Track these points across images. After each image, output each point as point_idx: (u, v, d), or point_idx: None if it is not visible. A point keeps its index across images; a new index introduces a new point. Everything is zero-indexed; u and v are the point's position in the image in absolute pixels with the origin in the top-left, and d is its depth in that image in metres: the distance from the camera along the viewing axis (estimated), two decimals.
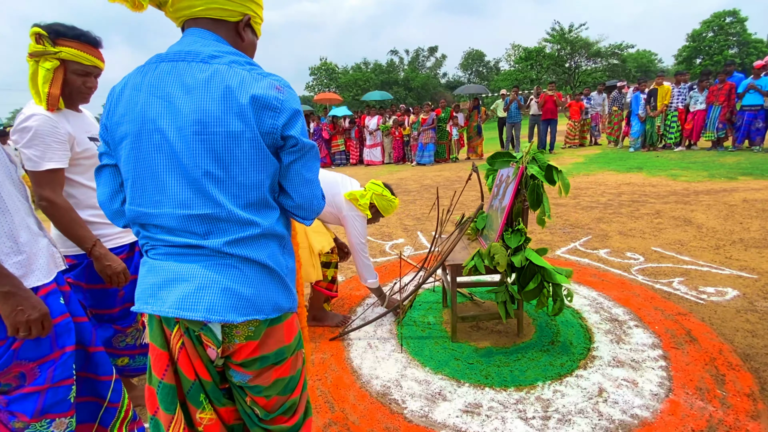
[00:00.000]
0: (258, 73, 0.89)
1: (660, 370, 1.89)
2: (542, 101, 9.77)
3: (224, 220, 0.87)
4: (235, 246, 0.88)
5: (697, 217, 4.14)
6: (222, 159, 0.85)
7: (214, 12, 0.90)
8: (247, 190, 0.88)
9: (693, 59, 29.12)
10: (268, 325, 0.95)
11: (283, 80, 0.92)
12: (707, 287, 2.67)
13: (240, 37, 0.96)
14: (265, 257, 0.91)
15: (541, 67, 31.98)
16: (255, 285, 0.90)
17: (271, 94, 0.86)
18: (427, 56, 42.51)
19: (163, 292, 0.88)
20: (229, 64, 0.87)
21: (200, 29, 0.91)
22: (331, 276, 2.39)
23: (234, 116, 0.84)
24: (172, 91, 0.85)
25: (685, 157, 7.83)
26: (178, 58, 0.88)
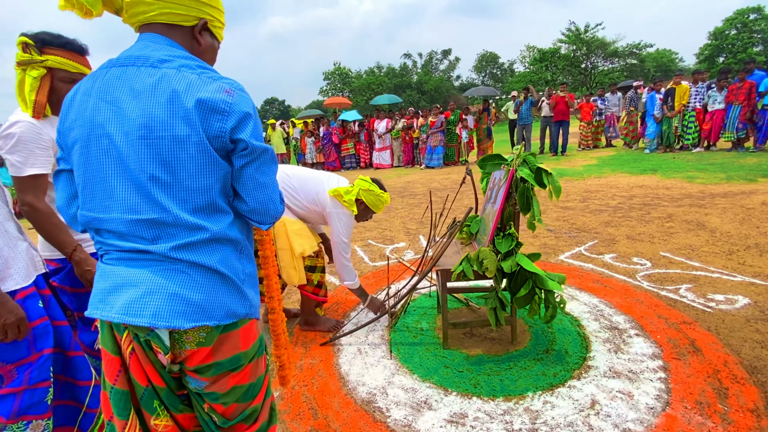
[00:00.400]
0: (208, 76, 0.88)
1: (658, 382, 1.80)
2: (553, 102, 9.61)
3: (171, 225, 0.86)
4: (183, 251, 0.87)
5: (711, 221, 3.97)
6: (168, 163, 0.84)
7: (168, 17, 0.90)
8: (195, 194, 0.87)
9: (715, 58, 28.23)
10: (221, 332, 0.93)
11: (235, 83, 0.92)
12: (716, 294, 2.55)
13: (196, 41, 0.96)
14: (215, 262, 0.89)
15: (556, 68, 31.50)
16: (205, 290, 0.88)
17: (218, 98, 0.86)
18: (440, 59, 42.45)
19: (111, 297, 0.87)
20: (178, 68, 0.86)
21: (153, 34, 0.91)
22: (317, 280, 2.35)
23: (180, 120, 0.83)
24: (120, 96, 0.85)
25: (703, 158, 7.56)
26: (127, 62, 0.88)
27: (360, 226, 4.88)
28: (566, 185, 6.41)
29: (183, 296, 0.86)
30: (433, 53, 41.98)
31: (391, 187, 7.74)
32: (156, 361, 0.93)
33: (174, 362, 0.93)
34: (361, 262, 3.69)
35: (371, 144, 11.55)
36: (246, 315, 0.97)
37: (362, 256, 3.83)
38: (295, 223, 2.26)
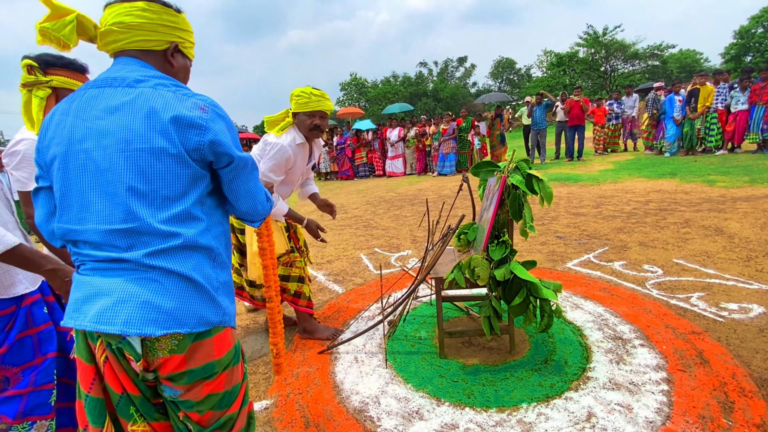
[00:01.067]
0: (183, 93, 0.94)
1: (660, 394, 1.73)
2: (568, 107, 9.47)
3: (145, 233, 0.89)
4: (156, 257, 0.90)
5: (730, 226, 3.81)
6: (145, 173, 0.89)
7: (141, 44, 0.98)
8: (171, 203, 0.92)
9: (742, 57, 27.22)
10: (194, 339, 0.95)
11: (209, 100, 0.98)
12: (730, 303, 2.44)
13: (169, 63, 1.03)
14: (189, 269, 0.92)
15: (574, 72, 31.01)
16: (176, 298, 0.91)
17: (194, 114, 0.92)
18: (456, 67, 42.45)
19: (85, 306, 0.90)
20: (154, 87, 0.93)
21: (128, 57, 0.98)
22: (294, 289, 2.34)
23: (157, 134, 0.89)
24: (98, 114, 0.91)
25: (726, 161, 7.27)
26: (104, 84, 0.94)
27: (368, 235, 4.91)
28: (580, 191, 6.28)
29: (155, 304, 0.89)
30: (449, 61, 42.05)
31: (402, 195, 7.76)
32: (130, 369, 0.96)
33: (148, 370, 0.95)
34: (365, 270, 3.70)
35: (384, 152, 11.62)
36: (219, 323, 0.99)
37: (367, 264, 3.84)
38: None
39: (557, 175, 7.63)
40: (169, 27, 1.00)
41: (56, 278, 1.21)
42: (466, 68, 42.22)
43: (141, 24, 0.96)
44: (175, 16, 1.02)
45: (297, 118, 2.17)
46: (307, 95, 2.11)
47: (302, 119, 2.15)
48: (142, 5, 0.96)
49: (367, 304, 2.95)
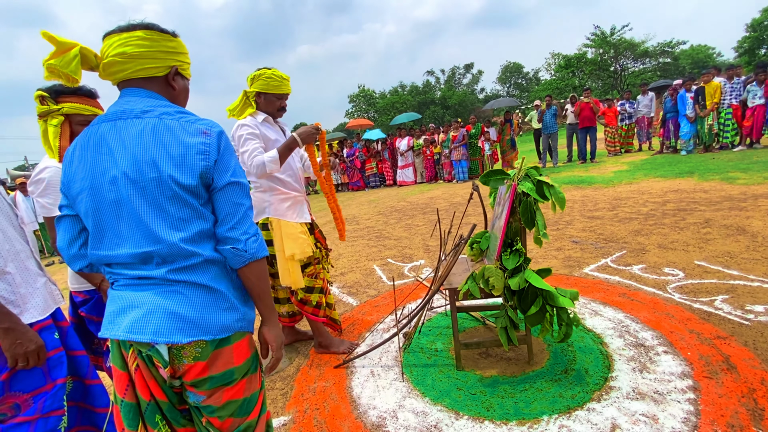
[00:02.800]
0: (186, 120, 1.00)
1: (687, 403, 1.68)
2: (578, 109, 9.38)
3: (170, 253, 0.97)
4: (179, 273, 0.98)
5: (753, 225, 3.69)
6: (159, 201, 0.95)
7: (143, 72, 1.02)
8: (187, 224, 0.98)
9: (756, 50, 26.60)
10: (215, 347, 1.01)
11: (211, 123, 1.03)
12: (756, 305, 2.35)
13: (171, 87, 1.08)
14: (208, 280, 1.00)
15: (583, 74, 30.73)
16: (199, 308, 0.98)
17: (198, 140, 0.98)
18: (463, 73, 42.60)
19: (119, 318, 0.99)
20: (160, 117, 0.98)
21: (133, 88, 1.04)
22: (316, 301, 2.35)
23: (166, 163, 0.95)
24: (114, 147, 0.97)
25: (746, 157, 7.07)
26: (115, 117, 1.00)
27: (380, 245, 4.91)
28: (594, 193, 6.18)
29: (180, 314, 0.96)
30: (456, 68, 42.22)
31: (413, 204, 7.76)
32: (158, 376, 1.02)
33: (174, 377, 1.01)
34: (379, 281, 3.70)
35: (394, 162, 11.67)
36: (240, 329, 1.05)
37: (380, 275, 3.84)
38: (290, 227, 2.24)
39: (570, 179, 7.53)
40: (167, 53, 1.04)
41: (7, 338, 1.18)
42: (473, 74, 42.34)
43: (142, 53, 1.00)
44: (172, 41, 1.05)
45: (263, 98, 2.21)
46: (279, 79, 2.19)
47: (271, 100, 2.22)
48: (140, 34, 1.00)
49: (381, 316, 2.94)
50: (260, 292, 1.07)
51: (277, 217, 2.24)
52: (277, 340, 1.11)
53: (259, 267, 1.05)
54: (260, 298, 1.07)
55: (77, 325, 1.70)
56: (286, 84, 2.24)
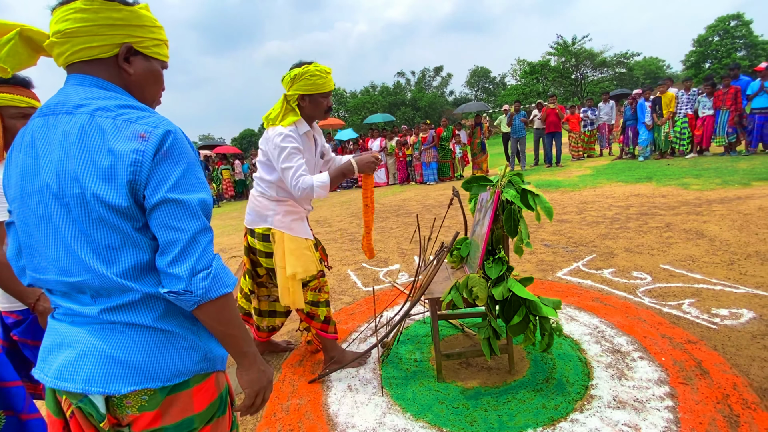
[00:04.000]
0: (125, 119, 0.79)
1: (666, 411, 1.69)
2: (544, 115, 9.68)
3: (101, 286, 0.80)
4: (114, 313, 0.80)
5: (709, 229, 3.90)
6: (83, 223, 0.77)
7: (85, 53, 0.82)
8: (119, 253, 0.79)
9: (701, 64, 28.70)
10: (168, 393, 0.84)
11: (155, 122, 0.80)
12: (720, 309, 2.45)
13: (124, 71, 0.86)
14: (153, 319, 0.82)
15: (547, 80, 31.94)
16: (145, 350, 0.81)
17: (130, 146, 0.76)
18: (433, 76, 43.16)
19: (51, 357, 0.83)
20: (92, 114, 0.78)
21: (76, 75, 0.84)
22: (324, 315, 2.16)
23: (91, 175, 0.75)
24: (40, 150, 0.80)
25: (697, 164, 7.54)
26: (48, 111, 0.82)
27: (354, 249, 4.80)
28: (562, 197, 6.36)
29: (119, 358, 0.79)
30: (426, 70, 42.74)
31: (386, 206, 7.69)
32: (98, 425, 0.84)
33: (119, 426, 0.84)
34: (354, 287, 3.59)
35: None
36: (201, 370, 0.88)
37: (355, 281, 3.73)
38: (295, 242, 2.00)
39: (538, 182, 7.73)
40: (114, 26, 0.82)
41: None
42: (442, 77, 43.00)
43: (79, 29, 0.79)
44: (120, 11, 0.82)
45: (308, 100, 1.93)
46: (324, 74, 1.89)
47: (318, 101, 1.94)
48: (78, 5, 0.80)
49: (357, 324, 2.83)
50: (223, 336, 0.86)
51: (281, 230, 2.00)
52: (252, 385, 0.92)
53: (215, 309, 0.82)
54: (225, 342, 0.87)
55: (10, 350, 1.48)
56: (330, 79, 1.95)
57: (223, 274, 0.83)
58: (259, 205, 2.07)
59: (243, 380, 0.93)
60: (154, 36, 0.89)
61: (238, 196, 13.57)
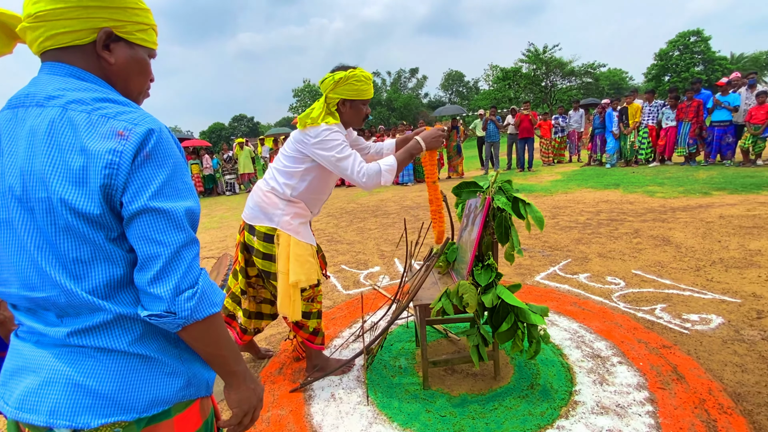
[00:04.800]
0: (102, 114, 0.69)
1: (647, 416, 1.73)
2: (518, 120, 9.91)
3: (72, 305, 0.70)
4: (82, 336, 0.71)
5: (675, 236, 4.09)
6: (50, 231, 0.68)
7: (57, 39, 0.72)
8: (89, 267, 0.70)
9: (661, 77, 30.38)
10: (146, 425, 0.76)
11: (137, 118, 0.71)
12: (690, 314, 2.56)
13: (104, 60, 0.76)
14: (128, 344, 0.73)
15: (518, 87, 32.83)
16: (118, 377, 0.72)
17: (106, 146, 0.67)
18: (408, 77, 43.41)
19: (12, 382, 0.73)
20: (64, 107, 0.69)
21: (51, 63, 0.74)
22: (313, 327, 2.07)
23: (59, 177, 0.67)
24: (4, 146, 0.70)
25: (660, 172, 7.94)
26: (18, 103, 0.72)
27: (332, 250, 4.70)
28: (535, 201, 6.52)
29: (89, 387, 0.70)
30: (402, 71, 42.91)
31: (364, 206, 7.62)
32: None
33: None
34: (333, 290, 3.50)
35: None
36: (183, 398, 0.80)
37: (335, 284, 3.64)
38: (301, 247, 1.89)
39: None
40: (90, 8, 0.72)
41: None
42: (418, 79, 43.34)
43: (52, 11, 0.70)
44: None
45: (349, 106, 1.86)
46: (368, 80, 1.83)
47: (359, 108, 1.89)
48: None
49: (339, 330, 2.76)
50: (210, 357, 0.78)
51: (289, 233, 1.88)
52: (241, 405, 0.84)
53: (202, 330, 0.74)
54: (212, 363, 0.79)
55: None
56: (372, 86, 1.90)
57: (210, 292, 0.75)
58: (266, 201, 1.93)
59: (231, 400, 0.85)
60: (139, 20, 0.79)
61: (208, 192, 13.09)
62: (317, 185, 1.95)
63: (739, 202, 5.18)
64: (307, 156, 1.88)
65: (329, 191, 2.08)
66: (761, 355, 2.08)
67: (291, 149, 1.93)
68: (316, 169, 1.91)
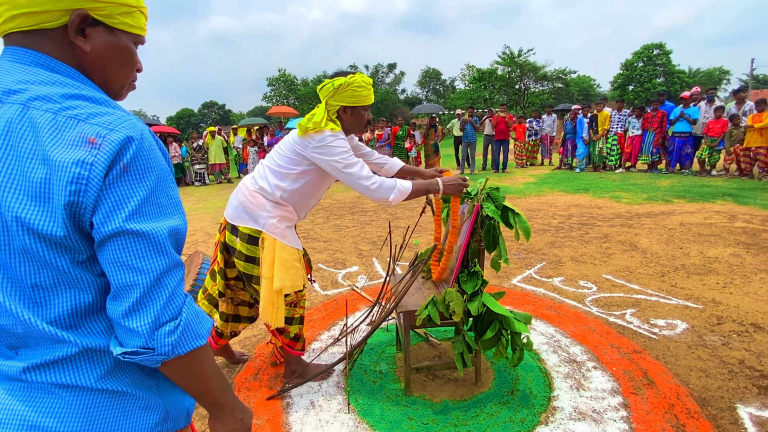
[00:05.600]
0: (70, 116, 0.59)
1: (621, 422, 1.79)
2: (495, 122, 10.08)
3: (30, 335, 0.61)
4: (42, 372, 0.62)
5: (641, 242, 4.28)
6: (2, 253, 0.59)
7: (21, 20, 0.61)
8: (50, 294, 0.61)
9: (626, 86, 31.86)
10: None
11: (113, 122, 0.60)
12: (658, 319, 2.67)
13: (78, 48, 0.65)
14: (96, 379, 0.64)
15: (493, 88, 33.47)
16: (86, 416, 0.64)
17: (72, 157, 0.57)
18: (386, 72, 43.30)
19: None
20: (26, 104, 0.58)
21: (12, 48, 0.63)
22: (294, 333, 2.00)
23: (15, 191, 0.57)
24: None
25: (626, 179, 8.30)
26: None
27: (309, 248, 4.60)
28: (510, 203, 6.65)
29: (48, 428, 0.61)
30: (380, 66, 42.75)
31: (340, 203, 7.52)
32: None
33: None
34: (310, 290, 3.42)
35: None
36: None
37: (312, 284, 3.56)
38: (287, 252, 1.81)
39: None
40: None
41: None
42: (395, 75, 43.35)
43: None
44: None
45: (350, 113, 1.83)
46: (368, 86, 1.80)
47: (360, 114, 1.86)
48: None
49: (317, 333, 2.69)
50: (194, 390, 0.70)
51: (274, 236, 1.79)
52: None
53: (185, 364, 0.66)
54: (196, 396, 0.71)
55: None
56: (372, 91, 1.87)
57: (195, 323, 0.67)
58: (252, 201, 1.83)
59: (220, 430, 0.77)
60: (123, 0, 0.68)
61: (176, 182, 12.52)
62: (309, 189, 1.88)
63: (697, 210, 5.50)
64: (305, 159, 1.81)
65: (320, 197, 2.01)
66: (722, 360, 2.20)
67: (288, 149, 1.84)
68: (312, 173, 1.84)
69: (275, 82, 40.11)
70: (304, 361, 2.16)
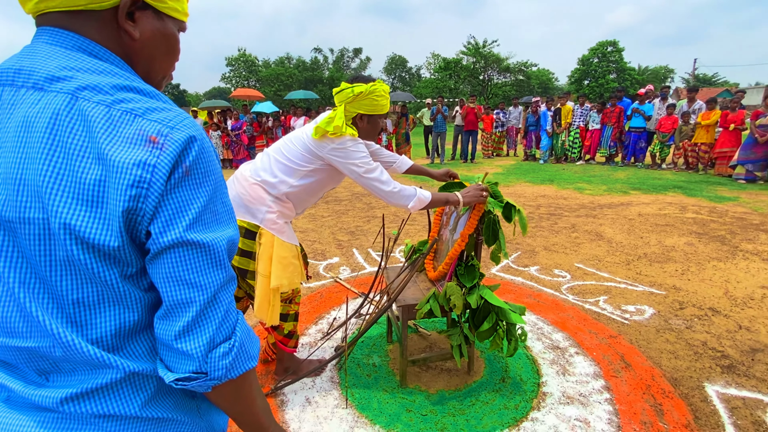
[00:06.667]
0: (127, 110, 0.52)
1: (606, 403, 1.91)
2: (465, 113, 10.22)
3: (68, 360, 0.55)
4: (81, 402, 0.55)
5: (605, 232, 4.54)
6: (42, 264, 0.51)
7: (63, 0, 0.53)
8: (94, 312, 0.54)
9: (582, 81, 33.33)
10: None
11: (174, 120, 0.54)
12: (628, 306, 2.86)
13: (126, 33, 0.58)
14: (139, 407, 0.58)
15: (458, 78, 33.88)
16: None
17: (134, 157, 0.50)
18: (351, 57, 42.50)
19: None
20: (74, 94, 0.51)
21: (49, 29, 0.55)
22: (288, 329, 1.94)
23: (64, 194, 0.49)
24: None
25: (586, 171, 8.75)
26: (4, 80, 0.52)
27: None
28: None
29: None
30: (345, 50, 41.87)
31: None
32: None
33: None
34: None
35: None
36: None
37: None
38: (285, 249, 1.75)
39: None
40: None
41: None
42: (361, 60, 42.64)
43: None
44: None
45: (367, 121, 1.80)
46: (387, 94, 1.78)
47: (376, 123, 1.83)
48: None
49: (304, 327, 2.64)
50: (240, 416, 0.65)
51: (273, 232, 1.72)
52: None
53: (235, 388, 0.61)
54: (241, 422, 0.67)
55: None
56: (389, 99, 1.83)
57: (248, 342, 0.62)
58: (252, 194, 1.73)
59: None
60: None
61: None
62: (315, 188, 1.83)
63: (652, 201, 5.90)
64: (319, 158, 1.74)
65: (321, 196, 1.95)
66: (687, 342, 2.40)
67: (300, 145, 1.76)
68: (323, 172, 1.78)
69: (235, 62, 38.23)
70: (297, 358, 2.11)
